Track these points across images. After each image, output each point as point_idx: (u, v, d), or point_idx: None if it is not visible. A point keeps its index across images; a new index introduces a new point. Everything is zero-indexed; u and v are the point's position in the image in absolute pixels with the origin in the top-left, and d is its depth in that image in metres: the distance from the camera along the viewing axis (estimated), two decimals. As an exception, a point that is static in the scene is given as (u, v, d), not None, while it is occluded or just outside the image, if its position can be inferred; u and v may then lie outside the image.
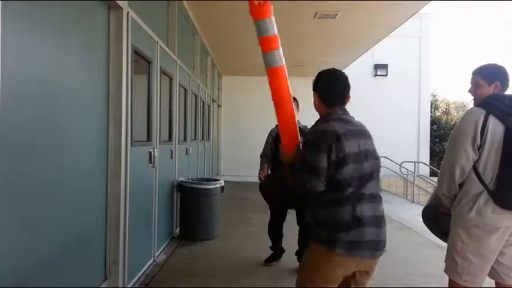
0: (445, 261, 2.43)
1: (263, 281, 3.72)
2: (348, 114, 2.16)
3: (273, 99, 2.18)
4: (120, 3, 2.91)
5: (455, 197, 2.38)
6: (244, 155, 11.95)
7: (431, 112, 13.27)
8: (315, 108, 2.20)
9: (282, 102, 2.17)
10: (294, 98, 4.02)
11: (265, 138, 4.50)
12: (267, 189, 3.33)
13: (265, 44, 2.21)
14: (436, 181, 8.37)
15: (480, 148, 2.24)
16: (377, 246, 1.94)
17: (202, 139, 7.67)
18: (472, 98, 2.51)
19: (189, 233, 4.98)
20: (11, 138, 1.78)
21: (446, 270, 2.41)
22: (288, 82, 2.21)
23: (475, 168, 2.28)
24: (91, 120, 2.70)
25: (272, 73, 2.18)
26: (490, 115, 2.23)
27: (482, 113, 2.26)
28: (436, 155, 13.53)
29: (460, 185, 2.35)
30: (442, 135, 13.73)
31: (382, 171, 8.93)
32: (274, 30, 2.24)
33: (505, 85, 2.37)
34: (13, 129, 1.80)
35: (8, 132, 1.75)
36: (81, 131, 2.52)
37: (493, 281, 2.43)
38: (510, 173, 2.19)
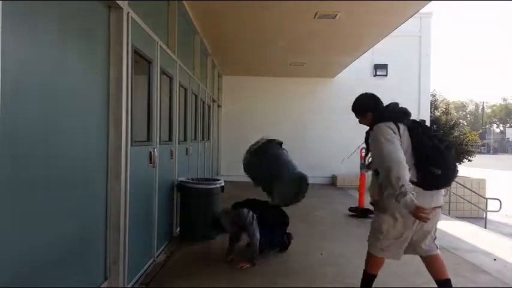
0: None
1: (263, 280, 3.73)
2: None
3: None
4: (120, 3, 2.91)
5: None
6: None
7: (431, 112, 13.26)
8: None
9: None
10: None
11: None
12: None
13: None
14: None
15: None
16: None
17: (203, 139, 7.67)
18: None
19: (189, 233, 4.98)
20: (11, 138, 1.78)
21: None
22: None
23: None
24: (91, 120, 2.70)
25: None
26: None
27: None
28: (436, 155, 13.51)
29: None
30: (442, 135, 13.73)
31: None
32: None
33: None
34: (13, 129, 1.79)
35: (8, 132, 1.75)
36: (81, 131, 2.52)
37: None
38: None
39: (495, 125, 69.68)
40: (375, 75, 12.24)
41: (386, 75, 12.20)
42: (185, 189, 4.91)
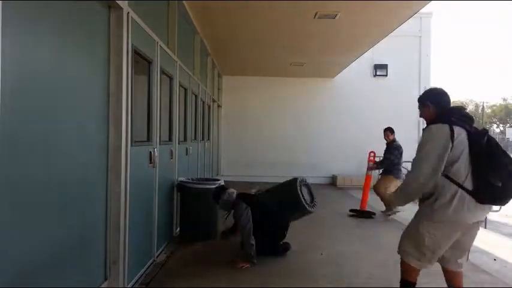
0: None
1: (263, 280, 3.72)
2: None
3: None
4: (120, 3, 2.91)
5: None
6: (244, 155, 11.97)
7: (431, 112, 13.25)
8: None
9: None
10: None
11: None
12: None
13: None
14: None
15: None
16: None
17: (203, 139, 7.67)
18: None
19: (189, 233, 4.98)
20: (11, 138, 1.78)
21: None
22: None
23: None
24: (91, 120, 2.70)
25: None
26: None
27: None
28: (436, 155, 13.49)
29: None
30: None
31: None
32: None
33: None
34: (13, 129, 1.79)
35: (8, 132, 1.75)
36: (81, 131, 2.52)
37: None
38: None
39: (495, 125, 69.73)
40: (375, 75, 12.24)
41: (386, 75, 12.20)
42: (185, 189, 4.91)
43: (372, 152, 7.50)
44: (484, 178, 2.58)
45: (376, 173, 12.05)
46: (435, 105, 2.88)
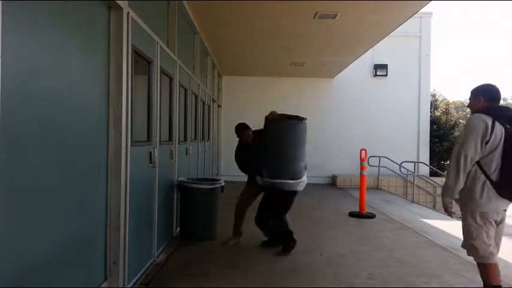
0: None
1: (263, 280, 3.73)
2: None
3: None
4: (120, 3, 2.92)
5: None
6: (244, 155, 11.95)
7: (431, 112, 13.26)
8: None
9: None
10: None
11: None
12: None
13: None
14: (436, 181, 8.47)
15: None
16: None
17: (203, 139, 7.67)
18: None
19: (189, 233, 4.99)
20: (11, 139, 1.78)
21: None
22: None
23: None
24: (91, 120, 2.70)
25: None
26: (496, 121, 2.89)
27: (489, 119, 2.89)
28: (436, 155, 13.51)
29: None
30: (441, 135, 13.70)
31: (382, 170, 8.90)
32: None
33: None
34: (13, 129, 1.79)
35: (8, 132, 1.75)
36: (81, 131, 2.53)
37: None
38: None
39: (495, 125, 69.60)
40: (375, 75, 12.24)
41: (386, 75, 12.21)
42: (185, 189, 4.92)
43: (363, 149, 7.32)
44: (508, 173, 2.83)
45: (375, 172, 12.04)
46: (486, 100, 3.06)
